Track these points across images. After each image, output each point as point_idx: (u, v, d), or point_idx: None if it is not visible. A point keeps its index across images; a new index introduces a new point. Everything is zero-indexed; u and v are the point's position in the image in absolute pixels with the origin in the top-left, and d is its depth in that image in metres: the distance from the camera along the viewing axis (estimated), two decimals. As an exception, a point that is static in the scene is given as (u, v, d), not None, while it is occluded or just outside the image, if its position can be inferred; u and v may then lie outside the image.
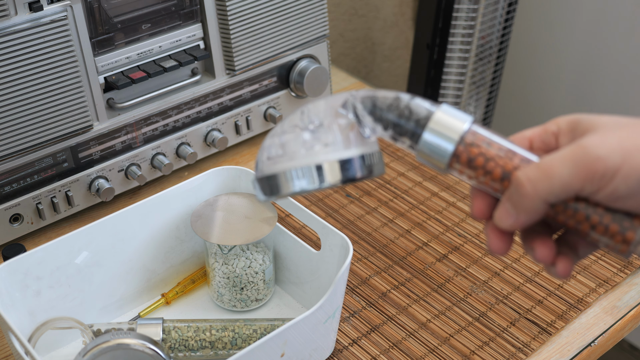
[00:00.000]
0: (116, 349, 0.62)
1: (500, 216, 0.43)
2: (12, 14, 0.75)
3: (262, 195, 0.47)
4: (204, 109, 0.94)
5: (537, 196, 0.40)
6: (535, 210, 0.41)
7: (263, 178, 0.47)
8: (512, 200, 0.42)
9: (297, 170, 0.45)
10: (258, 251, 0.76)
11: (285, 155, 0.46)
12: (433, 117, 0.44)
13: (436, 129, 0.43)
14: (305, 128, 0.46)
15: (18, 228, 0.83)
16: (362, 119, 0.46)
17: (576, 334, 0.74)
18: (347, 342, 0.74)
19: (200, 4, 0.89)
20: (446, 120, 0.43)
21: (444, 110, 0.44)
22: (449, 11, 1.28)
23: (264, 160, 0.47)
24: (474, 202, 0.45)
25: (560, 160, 0.40)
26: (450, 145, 0.43)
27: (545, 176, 0.40)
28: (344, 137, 0.46)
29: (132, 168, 0.89)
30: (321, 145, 0.46)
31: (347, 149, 0.46)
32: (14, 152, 0.79)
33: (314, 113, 0.47)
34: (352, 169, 0.45)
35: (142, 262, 0.76)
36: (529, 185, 0.40)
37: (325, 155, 0.45)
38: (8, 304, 0.66)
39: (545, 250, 0.43)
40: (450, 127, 0.43)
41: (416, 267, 0.82)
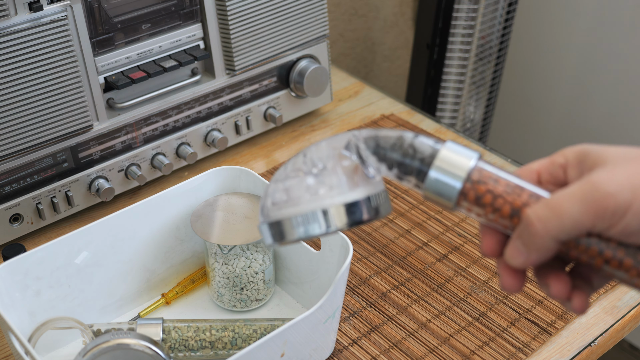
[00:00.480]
0: (116, 349, 0.62)
1: (511, 254, 0.42)
2: (12, 14, 0.75)
3: (270, 240, 0.47)
4: (204, 109, 0.94)
5: (547, 235, 0.40)
6: (547, 249, 0.40)
7: (270, 224, 0.46)
8: (522, 239, 0.41)
9: (303, 216, 0.45)
10: (258, 251, 0.76)
11: (289, 200, 0.45)
12: (439, 155, 0.43)
13: (442, 167, 0.43)
14: (308, 172, 0.46)
15: (18, 228, 0.83)
16: (365, 159, 0.45)
17: (576, 334, 0.74)
18: (347, 342, 0.74)
19: (200, 4, 0.89)
20: (452, 158, 0.43)
21: (449, 148, 0.43)
22: (449, 11, 1.28)
23: (268, 206, 0.46)
24: (483, 239, 0.44)
25: (569, 197, 0.39)
26: (457, 183, 0.42)
27: (555, 215, 0.39)
28: (348, 180, 0.45)
29: (132, 168, 0.89)
30: (326, 189, 0.45)
31: (352, 191, 0.45)
32: (14, 152, 0.79)
33: (317, 156, 0.46)
34: (359, 211, 0.45)
35: (142, 262, 0.76)
36: (539, 224, 0.40)
37: (330, 200, 0.45)
38: (8, 304, 0.66)
39: (560, 286, 0.42)
40: (456, 165, 0.42)
41: (416, 267, 0.82)
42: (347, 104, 1.11)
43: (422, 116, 1.08)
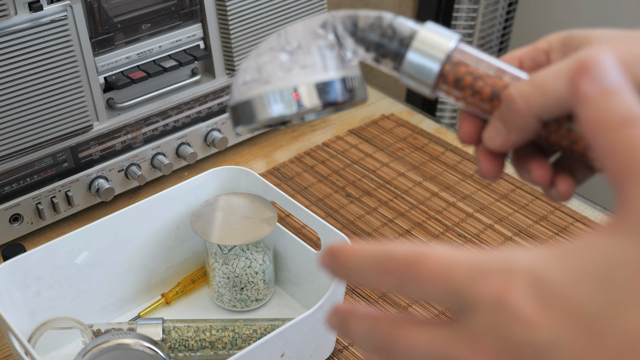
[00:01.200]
0: (116, 349, 0.62)
1: (490, 136, 0.40)
2: (12, 14, 0.75)
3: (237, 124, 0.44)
4: (204, 109, 0.94)
5: (529, 112, 0.38)
6: (527, 128, 0.38)
7: (238, 105, 0.44)
8: (502, 118, 0.39)
9: (274, 93, 0.42)
10: (258, 251, 0.76)
11: (261, 79, 0.43)
12: (417, 35, 0.41)
13: (421, 48, 0.41)
14: (282, 50, 0.43)
15: (18, 228, 0.83)
16: (342, 40, 0.43)
17: (576, 334, 0.74)
18: (347, 342, 0.74)
19: (200, 4, 0.89)
20: (431, 38, 0.41)
21: (430, 29, 0.41)
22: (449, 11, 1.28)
23: (239, 85, 0.44)
24: (461, 125, 0.42)
25: (554, 74, 0.37)
26: (435, 64, 0.40)
27: (538, 90, 0.37)
28: (323, 59, 0.43)
29: (132, 168, 0.89)
30: (299, 67, 0.42)
31: (327, 71, 0.42)
32: (14, 152, 0.79)
33: (292, 35, 0.44)
34: (333, 91, 0.42)
35: (142, 262, 0.76)
36: (521, 100, 0.38)
37: (304, 78, 0.42)
38: (8, 304, 0.66)
39: (541, 170, 0.41)
40: (435, 46, 0.40)
41: (416, 267, 0.82)
42: (347, 104, 1.11)
43: (422, 116, 1.08)
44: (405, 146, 1.01)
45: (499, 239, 0.85)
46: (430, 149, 1.00)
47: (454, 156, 0.99)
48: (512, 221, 0.88)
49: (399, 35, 0.42)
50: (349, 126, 1.06)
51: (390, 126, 1.06)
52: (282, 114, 0.42)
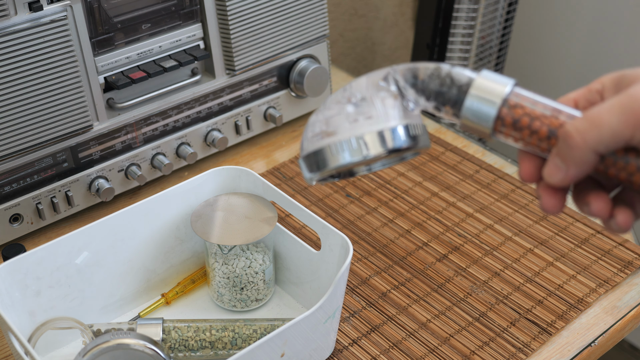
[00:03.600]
0: (116, 349, 0.62)
1: (549, 172, 0.42)
2: (12, 14, 0.75)
3: (308, 172, 0.47)
4: (204, 109, 0.94)
5: (586, 146, 0.40)
6: (585, 162, 0.40)
7: (309, 155, 0.47)
8: (561, 154, 0.41)
9: (342, 142, 0.45)
10: (258, 251, 0.76)
11: (329, 130, 0.46)
12: (474, 82, 0.44)
13: (478, 94, 0.44)
14: (347, 102, 0.47)
15: (18, 228, 0.83)
16: (404, 91, 0.46)
17: (576, 334, 0.74)
18: (347, 342, 0.74)
19: (200, 4, 0.89)
20: (487, 84, 0.44)
21: (485, 76, 0.44)
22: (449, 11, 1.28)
23: (309, 137, 0.47)
24: (521, 164, 0.45)
25: (608, 109, 0.39)
26: (492, 109, 0.43)
27: (593, 126, 0.39)
28: (386, 109, 0.46)
29: (132, 168, 0.89)
30: (364, 118, 0.46)
31: (390, 120, 0.46)
32: (14, 152, 0.79)
33: (356, 88, 0.47)
34: (397, 138, 0.45)
35: (142, 262, 0.76)
36: (577, 136, 0.40)
37: (368, 127, 0.45)
38: (8, 304, 0.66)
39: (600, 203, 0.42)
40: (491, 91, 0.44)
41: (416, 267, 0.82)
42: (347, 104, 1.11)
43: (422, 116, 1.08)
44: (405, 146, 1.01)
45: (499, 239, 0.85)
46: (431, 149, 1.00)
47: (454, 156, 0.99)
48: (512, 221, 0.88)
49: (457, 83, 0.45)
50: (349, 126, 1.06)
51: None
52: (350, 161, 0.45)
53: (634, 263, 0.82)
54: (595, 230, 0.86)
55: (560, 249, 0.84)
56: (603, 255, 0.83)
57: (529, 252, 0.83)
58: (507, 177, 0.95)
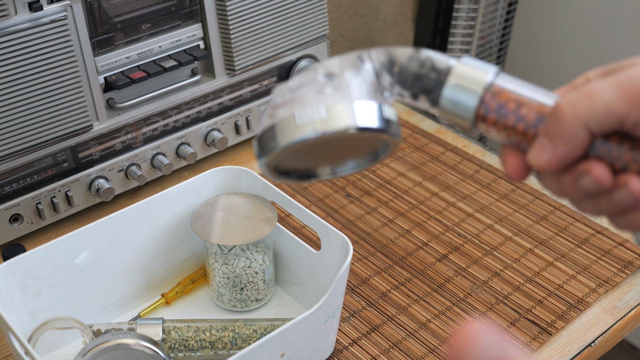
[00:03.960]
0: (116, 349, 0.62)
1: (535, 153, 0.38)
2: (12, 14, 0.75)
3: (259, 154, 0.41)
4: (204, 109, 0.94)
5: (576, 119, 0.36)
6: (575, 139, 0.37)
7: (266, 130, 0.40)
8: (548, 132, 0.37)
9: (305, 110, 0.39)
10: (258, 251, 0.76)
11: (293, 101, 0.40)
12: (454, 70, 0.40)
13: (458, 82, 0.40)
14: (317, 74, 0.41)
15: (18, 228, 0.83)
16: (379, 75, 0.41)
17: (576, 334, 0.74)
18: (347, 342, 0.74)
19: (200, 4, 0.89)
20: (468, 72, 0.40)
21: (466, 63, 0.40)
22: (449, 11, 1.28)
23: (269, 112, 0.40)
24: (506, 160, 0.41)
25: (603, 84, 0.36)
26: (474, 98, 0.40)
27: (586, 98, 0.36)
28: (360, 85, 0.40)
29: (132, 168, 0.89)
30: (333, 88, 0.40)
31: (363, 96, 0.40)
32: (14, 152, 0.79)
33: (329, 65, 0.41)
34: (369, 115, 0.39)
35: (142, 262, 0.76)
36: (568, 107, 0.36)
37: (337, 99, 0.39)
38: (8, 304, 0.66)
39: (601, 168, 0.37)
40: (473, 79, 0.40)
41: (416, 267, 0.82)
42: (347, 104, 1.11)
43: (422, 116, 1.08)
44: (405, 146, 1.01)
45: (499, 239, 0.85)
46: (430, 149, 1.00)
47: (454, 156, 0.99)
48: (512, 221, 0.88)
49: (436, 69, 0.41)
50: (349, 126, 1.06)
51: (390, 126, 1.05)
52: (311, 135, 0.38)
53: (634, 263, 0.82)
54: (595, 230, 0.86)
55: (560, 249, 0.84)
56: (603, 255, 0.83)
57: (529, 252, 0.83)
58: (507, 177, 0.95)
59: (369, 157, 0.44)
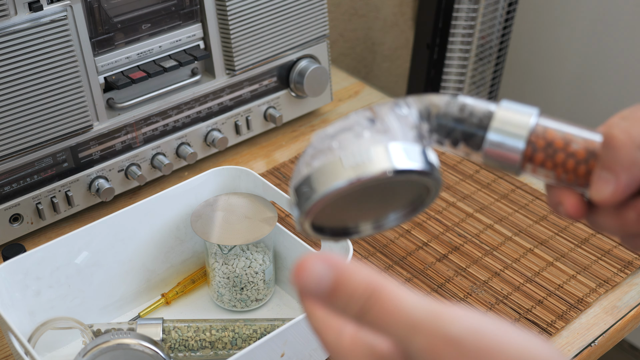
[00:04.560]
0: (116, 349, 0.62)
1: (597, 188, 0.37)
2: (12, 14, 0.75)
3: (296, 210, 0.39)
4: (204, 109, 0.94)
5: (633, 143, 0.35)
6: (636, 163, 0.36)
7: (303, 180, 0.38)
8: (606, 163, 0.36)
9: (347, 154, 0.36)
10: (258, 251, 0.76)
11: (333, 148, 0.37)
12: (495, 115, 0.39)
13: (501, 128, 0.39)
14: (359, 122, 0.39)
15: (18, 228, 0.83)
16: (419, 123, 0.40)
17: (576, 334, 0.74)
18: (347, 342, 0.74)
19: (200, 4, 0.89)
20: (511, 116, 0.39)
21: (506, 107, 0.39)
22: (449, 11, 1.28)
23: (306, 160, 0.38)
24: (565, 200, 0.39)
25: None
26: (520, 141, 0.38)
27: (638, 121, 0.36)
28: (403, 127, 0.39)
29: (132, 168, 0.89)
30: (376, 132, 0.38)
31: (408, 139, 0.38)
32: (14, 152, 0.79)
33: (367, 111, 0.40)
34: (413, 157, 0.38)
35: (142, 262, 0.76)
36: (622, 134, 0.36)
37: (382, 140, 0.37)
38: (8, 304, 0.66)
39: None
40: (517, 123, 0.39)
41: (416, 267, 0.82)
42: (347, 104, 1.11)
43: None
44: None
45: (499, 239, 0.85)
46: (430, 149, 1.00)
47: (454, 156, 0.99)
48: (512, 221, 0.88)
49: (476, 116, 0.40)
50: (349, 126, 1.05)
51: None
52: (351, 180, 0.36)
53: (634, 263, 0.82)
54: (595, 230, 0.86)
55: (560, 249, 0.84)
56: (603, 255, 0.83)
57: (529, 252, 0.83)
58: (507, 177, 0.95)
59: (410, 207, 0.42)
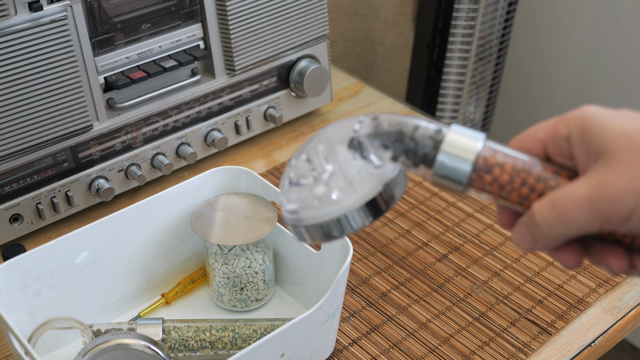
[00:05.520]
0: (116, 349, 0.62)
1: (518, 239, 0.43)
2: (12, 14, 0.75)
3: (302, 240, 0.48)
4: (204, 109, 0.94)
5: (553, 236, 0.41)
6: (553, 244, 0.42)
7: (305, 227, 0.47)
8: (530, 230, 0.42)
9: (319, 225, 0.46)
10: (258, 251, 0.76)
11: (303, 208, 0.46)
12: (445, 139, 0.43)
13: (450, 151, 0.43)
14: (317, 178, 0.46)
15: (18, 228, 0.83)
16: (367, 156, 0.46)
17: (576, 334, 0.74)
18: (347, 342, 0.74)
19: (200, 4, 0.89)
20: (459, 140, 0.43)
21: (455, 130, 0.43)
22: (449, 11, 1.28)
23: (285, 209, 0.47)
24: (500, 214, 0.45)
25: (576, 204, 0.40)
26: (466, 165, 0.43)
27: (561, 220, 0.40)
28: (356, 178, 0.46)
29: (132, 168, 0.89)
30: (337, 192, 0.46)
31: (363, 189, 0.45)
32: (14, 152, 0.79)
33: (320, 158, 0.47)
34: (375, 208, 0.45)
35: (142, 262, 0.76)
36: (545, 227, 0.41)
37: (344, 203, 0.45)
38: (8, 304, 0.66)
39: (619, 260, 0.42)
40: (464, 147, 0.43)
41: (416, 267, 0.82)
42: (347, 104, 1.11)
43: (422, 116, 1.08)
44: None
45: (499, 239, 0.85)
46: (430, 149, 1.00)
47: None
48: (512, 221, 0.88)
49: (422, 149, 0.44)
50: (349, 126, 1.05)
51: (390, 126, 1.05)
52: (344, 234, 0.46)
53: (634, 263, 0.81)
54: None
55: (560, 249, 0.84)
56: (603, 255, 0.83)
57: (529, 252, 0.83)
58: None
59: None
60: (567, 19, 1.51)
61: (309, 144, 0.47)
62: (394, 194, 0.46)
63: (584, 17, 1.48)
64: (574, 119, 0.42)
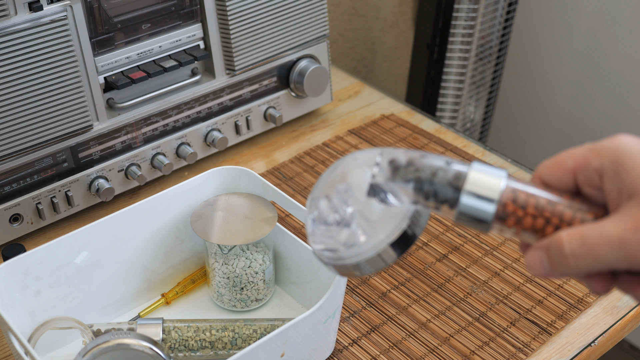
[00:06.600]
0: (116, 349, 0.62)
1: (531, 263, 0.42)
2: (12, 14, 0.75)
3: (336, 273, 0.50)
4: (204, 109, 0.94)
5: (578, 270, 0.40)
6: (573, 276, 0.41)
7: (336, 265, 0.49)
8: (550, 257, 0.41)
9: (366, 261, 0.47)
10: (258, 251, 0.76)
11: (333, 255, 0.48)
12: (468, 178, 0.42)
13: (473, 191, 0.42)
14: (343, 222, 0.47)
15: (18, 228, 0.83)
16: (386, 196, 0.45)
17: (576, 334, 0.74)
18: (347, 342, 0.74)
19: (200, 4, 0.89)
20: (482, 179, 0.42)
21: (477, 169, 0.42)
22: (449, 11, 1.28)
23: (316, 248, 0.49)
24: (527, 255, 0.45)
25: (607, 242, 0.39)
26: (491, 205, 0.42)
27: (590, 257, 0.39)
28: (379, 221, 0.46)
29: (132, 168, 0.89)
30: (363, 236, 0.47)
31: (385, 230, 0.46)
32: (14, 152, 0.79)
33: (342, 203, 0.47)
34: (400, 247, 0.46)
35: (142, 262, 0.76)
36: (572, 260, 0.40)
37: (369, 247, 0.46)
38: (8, 304, 0.66)
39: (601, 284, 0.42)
40: (488, 186, 0.42)
41: (416, 267, 0.82)
42: (347, 104, 1.11)
43: (422, 116, 1.08)
44: (405, 146, 1.01)
45: (499, 239, 0.85)
46: (430, 149, 1.00)
47: (453, 156, 0.99)
48: (512, 221, 0.88)
49: (442, 197, 0.43)
50: (349, 126, 1.06)
51: (390, 126, 1.06)
52: (372, 272, 0.48)
53: (634, 263, 0.81)
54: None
55: (560, 249, 0.84)
56: (603, 255, 0.83)
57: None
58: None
59: None
60: (566, 19, 1.51)
61: (328, 178, 0.48)
62: (415, 231, 0.46)
63: (583, 17, 1.48)
64: (607, 151, 0.41)
